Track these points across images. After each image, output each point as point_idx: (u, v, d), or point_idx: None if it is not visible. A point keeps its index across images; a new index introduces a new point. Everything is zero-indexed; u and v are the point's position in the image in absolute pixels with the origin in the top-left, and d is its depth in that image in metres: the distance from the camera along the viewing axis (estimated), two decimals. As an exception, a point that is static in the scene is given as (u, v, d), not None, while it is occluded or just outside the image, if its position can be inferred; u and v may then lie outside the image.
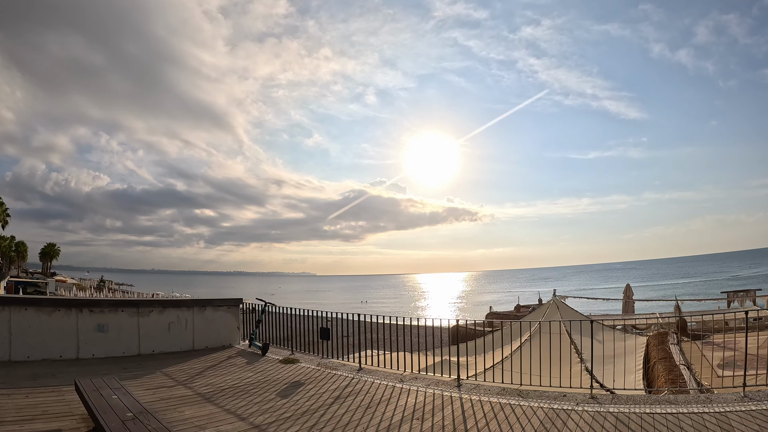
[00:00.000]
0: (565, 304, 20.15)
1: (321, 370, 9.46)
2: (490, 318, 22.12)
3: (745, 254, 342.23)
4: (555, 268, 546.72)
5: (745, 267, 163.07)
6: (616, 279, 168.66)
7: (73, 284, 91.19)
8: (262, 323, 12.04)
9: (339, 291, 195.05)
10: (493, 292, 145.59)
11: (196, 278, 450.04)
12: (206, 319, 11.81)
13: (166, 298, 39.36)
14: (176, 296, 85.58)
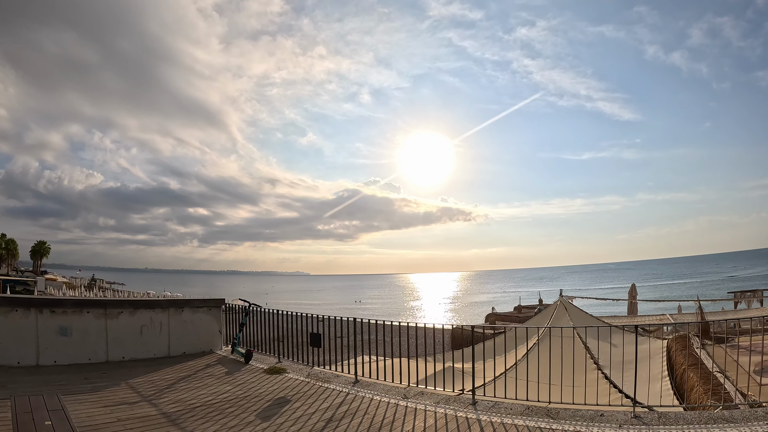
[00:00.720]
0: (574, 306, 18.94)
1: (311, 382, 8.18)
2: (491, 319, 20.95)
3: (740, 255, 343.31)
4: (549, 269, 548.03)
5: (740, 267, 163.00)
6: (611, 279, 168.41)
7: (64, 283, 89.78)
8: (247, 326, 10.72)
9: (333, 291, 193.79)
10: (489, 293, 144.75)
11: (189, 277, 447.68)
12: (184, 321, 10.53)
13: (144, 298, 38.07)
14: (168, 295, 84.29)
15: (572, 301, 20.28)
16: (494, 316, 24.81)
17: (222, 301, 11.40)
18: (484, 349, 16.76)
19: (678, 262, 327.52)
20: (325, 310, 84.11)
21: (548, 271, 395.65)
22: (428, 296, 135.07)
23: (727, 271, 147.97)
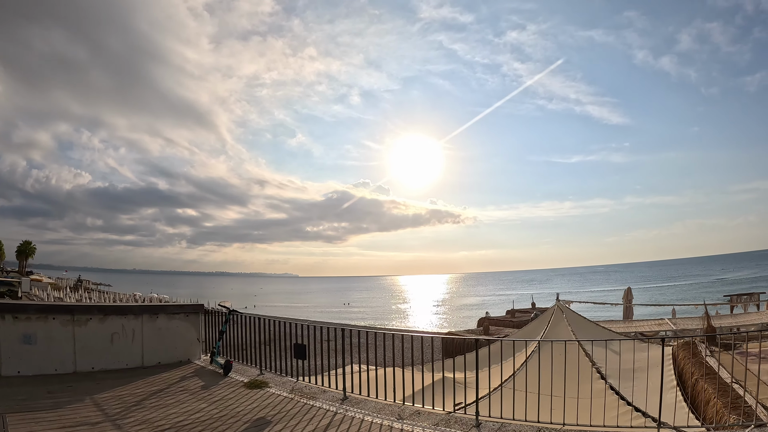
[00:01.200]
0: (571, 310, 18.28)
1: (295, 399, 7.40)
2: (484, 323, 20.27)
3: (727, 258, 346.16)
4: (538, 271, 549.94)
5: (729, 270, 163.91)
6: (600, 282, 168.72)
7: (49, 284, 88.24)
8: (227, 334, 9.91)
9: (321, 293, 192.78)
10: (478, 295, 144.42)
11: (177, 278, 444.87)
12: (158, 329, 9.71)
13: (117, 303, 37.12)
14: (154, 297, 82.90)
15: (569, 306, 19.63)
16: (487, 320, 24.14)
17: (200, 306, 10.57)
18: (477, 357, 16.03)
19: (666, 265, 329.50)
20: (313, 312, 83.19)
21: (537, 274, 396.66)
22: (417, 299, 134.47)
23: (715, 274, 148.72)
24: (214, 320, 10.36)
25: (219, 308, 10.08)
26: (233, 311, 9.74)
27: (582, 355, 13.41)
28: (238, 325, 9.71)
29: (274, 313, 78.71)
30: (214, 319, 10.28)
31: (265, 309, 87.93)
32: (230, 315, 9.69)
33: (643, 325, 21.03)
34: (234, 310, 9.78)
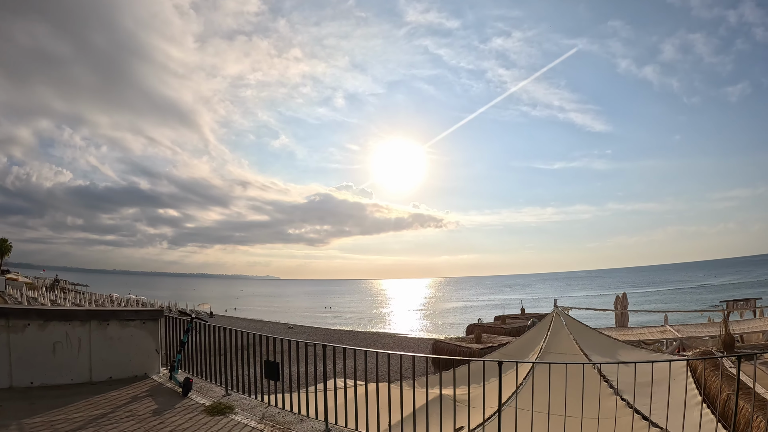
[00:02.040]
0: (571, 318, 17.09)
1: (265, 431, 6.02)
2: (476, 332, 19.02)
3: (707, 264, 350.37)
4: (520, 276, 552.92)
5: (710, 276, 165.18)
6: (583, 287, 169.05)
7: (25, 283, 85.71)
8: (189, 345, 8.51)
9: (303, 296, 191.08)
10: (461, 300, 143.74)
11: (157, 280, 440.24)
12: (110, 338, 8.29)
13: (62, 307, 35.44)
14: (132, 298, 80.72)
15: (568, 312, 18.42)
16: (479, 327, 22.92)
17: (160, 312, 9.08)
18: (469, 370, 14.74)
19: (647, 271, 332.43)
20: (294, 316, 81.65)
21: (519, 279, 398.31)
22: (400, 303, 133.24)
23: (698, 280, 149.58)
24: (176, 327, 8.94)
25: (180, 315, 8.71)
26: (196, 318, 8.34)
27: (588, 368, 12.23)
28: (202, 335, 8.29)
29: (255, 316, 77.19)
30: (177, 326, 8.86)
31: (245, 312, 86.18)
32: (192, 323, 8.29)
33: (644, 332, 19.93)
34: (197, 316, 8.39)
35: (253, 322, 62.64)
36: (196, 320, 8.27)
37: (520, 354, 14.24)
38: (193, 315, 8.41)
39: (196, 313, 8.32)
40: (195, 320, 8.28)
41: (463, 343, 17.90)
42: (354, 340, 45.25)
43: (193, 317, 8.31)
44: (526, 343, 15.69)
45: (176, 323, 8.85)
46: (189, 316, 8.37)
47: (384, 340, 45.95)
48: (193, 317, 8.31)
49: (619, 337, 17.97)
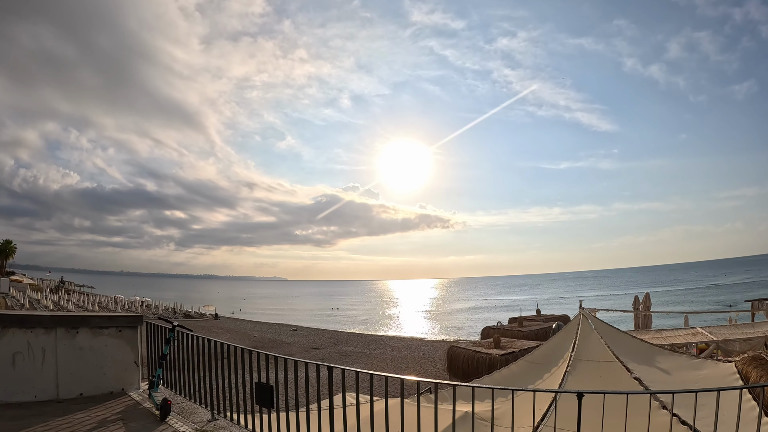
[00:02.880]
0: (601, 321, 15.77)
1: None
2: (494, 336, 17.66)
3: (715, 264, 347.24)
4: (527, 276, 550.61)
5: (720, 276, 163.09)
6: (592, 287, 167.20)
7: (29, 285, 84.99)
8: (171, 357, 7.20)
9: (310, 297, 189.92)
10: (469, 300, 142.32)
11: (164, 281, 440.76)
12: (80, 348, 7.03)
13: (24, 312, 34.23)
14: (137, 300, 79.70)
15: (595, 314, 17.07)
16: (496, 331, 21.58)
17: (139, 319, 7.72)
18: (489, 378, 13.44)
19: (655, 271, 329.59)
20: (301, 318, 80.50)
21: (527, 279, 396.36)
22: (408, 304, 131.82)
23: (708, 279, 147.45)
24: (161, 336, 7.63)
25: (160, 322, 7.42)
26: (179, 327, 7.02)
27: (625, 376, 10.92)
28: (185, 346, 6.97)
29: (260, 318, 75.91)
30: (162, 334, 7.54)
31: (250, 314, 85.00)
32: (173, 332, 6.98)
33: (675, 335, 18.52)
34: (179, 325, 7.07)
35: (258, 324, 61.49)
36: (178, 329, 6.96)
37: (549, 361, 12.88)
38: (175, 323, 7.08)
39: (179, 320, 6.85)
40: (177, 329, 6.98)
41: (481, 349, 16.57)
42: (362, 342, 43.91)
43: (174, 325, 7.00)
44: (554, 348, 14.30)
45: (161, 331, 7.54)
46: (170, 324, 7.05)
47: (393, 342, 44.58)
48: (174, 325, 7.00)
49: (653, 341, 16.59)
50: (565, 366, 11.87)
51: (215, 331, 48.76)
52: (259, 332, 50.37)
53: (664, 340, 18.28)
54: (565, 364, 11.98)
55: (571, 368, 11.49)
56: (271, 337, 46.55)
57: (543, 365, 12.74)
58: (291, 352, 37.15)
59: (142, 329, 7.69)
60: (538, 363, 13.19)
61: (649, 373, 11.37)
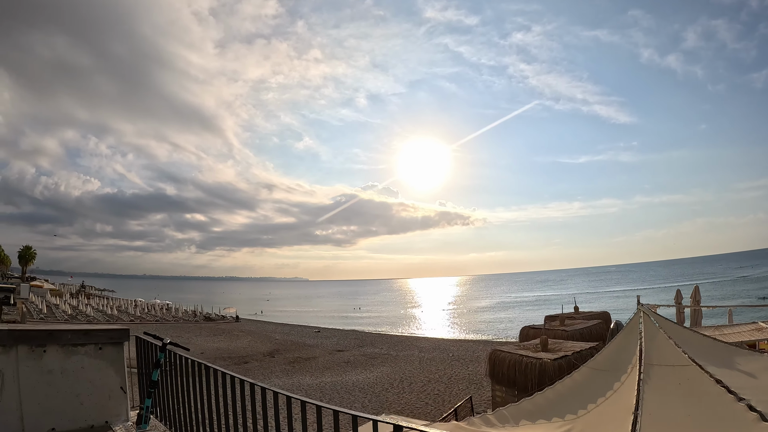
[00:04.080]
0: (665, 318, 13.88)
1: None
2: (541, 338, 15.80)
3: (739, 256, 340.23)
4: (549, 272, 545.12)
5: (747, 268, 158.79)
6: (618, 282, 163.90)
7: (49, 290, 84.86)
8: (162, 385, 5.48)
9: (332, 297, 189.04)
10: (494, 298, 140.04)
11: (186, 284, 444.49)
12: (48, 372, 5.39)
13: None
14: (156, 303, 78.91)
15: (656, 311, 15.17)
16: (538, 331, 19.73)
17: (124, 333, 5.90)
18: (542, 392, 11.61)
19: (679, 264, 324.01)
20: (324, 318, 79.08)
21: (549, 275, 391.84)
22: (431, 302, 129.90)
23: (734, 272, 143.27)
24: (154, 354, 5.89)
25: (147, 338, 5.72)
26: (170, 345, 5.29)
27: (708, 382, 9.08)
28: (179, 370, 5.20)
29: (283, 319, 74.73)
30: (154, 353, 5.80)
31: (272, 315, 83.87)
32: (164, 352, 5.26)
33: (742, 332, 16.55)
34: (171, 342, 5.30)
35: (280, 326, 60.26)
36: (170, 348, 5.22)
37: (615, 367, 11.01)
38: (166, 340, 5.33)
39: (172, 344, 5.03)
40: (169, 347, 5.25)
41: (527, 352, 14.74)
42: (387, 343, 42.29)
43: (165, 343, 5.28)
44: (617, 352, 12.34)
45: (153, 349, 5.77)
46: (159, 341, 5.34)
47: (420, 343, 42.88)
48: (165, 343, 5.28)
49: (720, 338, 14.63)
50: (636, 373, 10.06)
51: (236, 334, 47.61)
52: (281, 335, 49.05)
53: (726, 337, 16.34)
54: (636, 370, 10.17)
55: (645, 376, 9.67)
56: (293, 339, 45.16)
57: (609, 372, 10.85)
58: (314, 354, 35.74)
59: (130, 346, 6.01)
60: (603, 370, 11.30)
61: (733, 377, 9.52)
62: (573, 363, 14.16)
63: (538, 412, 8.98)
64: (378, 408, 19.31)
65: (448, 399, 20.64)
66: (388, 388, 23.04)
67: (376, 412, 18.75)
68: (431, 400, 20.40)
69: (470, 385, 23.29)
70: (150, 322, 53.95)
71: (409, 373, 27.02)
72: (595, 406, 8.96)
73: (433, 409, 19.04)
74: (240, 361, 32.22)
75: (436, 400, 20.38)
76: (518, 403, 9.26)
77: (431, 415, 18.17)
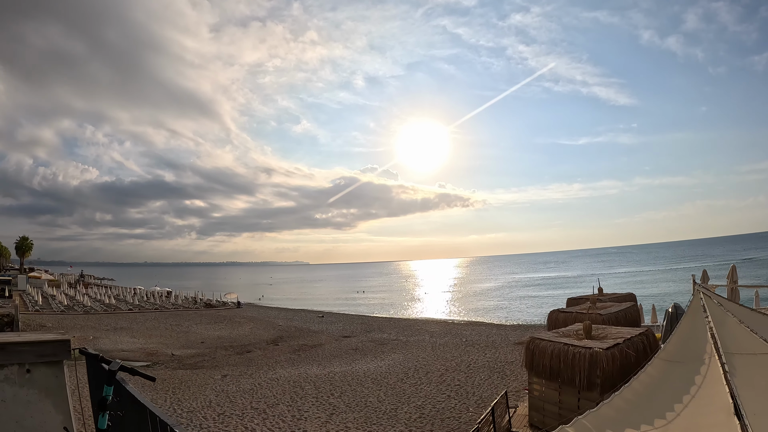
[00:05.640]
0: (729, 300, 12.03)
1: None
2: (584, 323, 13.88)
3: (740, 239, 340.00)
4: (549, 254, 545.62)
5: (751, 250, 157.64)
6: (623, 263, 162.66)
7: (47, 280, 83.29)
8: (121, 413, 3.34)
9: (333, 280, 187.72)
10: (497, 279, 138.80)
11: (187, 270, 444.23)
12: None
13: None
14: (156, 290, 77.16)
15: (714, 291, 13.32)
16: (568, 315, 17.86)
17: (62, 346, 3.71)
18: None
19: (680, 246, 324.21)
20: (326, 302, 77.25)
21: (551, 256, 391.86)
22: (435, 285, 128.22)
23: (739, 254, 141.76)
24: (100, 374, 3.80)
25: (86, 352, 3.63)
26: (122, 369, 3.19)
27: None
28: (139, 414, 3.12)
29: (285, 303, 73.09)
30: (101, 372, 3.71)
31: (274, 300, 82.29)
32: (111, 383, 3.15)
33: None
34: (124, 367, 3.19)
35: (282, 311, 58.58)
36: (121, 376, 3.19)
37: (691, 358, 9.15)
38: (114, 365, 3.13)
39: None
40: (115, 362, 3.17)
41: (571, 340, 12.87)
42: (396, 328, 40.54)
43: (113, 369, 3.10)
44: (686, 340, 10.46)
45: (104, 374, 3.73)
46: (105, 363, 3.29)
47: (430, 327, 41.12)
48: (113, 369, 3.10)
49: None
50: (716, 365, 8.26)
51: (238, 321, 45.87)
52: (284, 320, 47.35)
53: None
54: (715, 361, 8.37)
55: (730, 367, 7.89)
56: (297, 325, 43.44)
57: (685, 364, 9.01)
58: (320, 341, 34.01)
59: (76, 367, 4.01)
60: (678, 361, 9.44)
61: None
62: (626, 352, 12.35)
63: (622, 419, 7.42)
64: (396, 402, 17.51)
65: (471, 390, 18.85)
66: (404, 379, 21.24)
67: (395, 407, 17.00)
68: (453, 392, 18.59)
69: (492, 373, 21.51)
70: (149, 311, 52.25)
71: (423, 361, 25.26)
72: (683, 407, 7.36)
73: (457, 402, 17.23)
74: (242, 350, 30.47)
75: (458, 392, 18.57)
76: (596, 408, 7.46)
77: (456, 409, 16.39)
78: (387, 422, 15.38)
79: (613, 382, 12.23)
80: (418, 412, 16.30)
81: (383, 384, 20.38)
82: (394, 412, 16.49)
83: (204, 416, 16.05)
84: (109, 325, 40.19)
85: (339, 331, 39.39)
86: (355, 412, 16.49)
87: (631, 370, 12.91)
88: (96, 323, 40.79)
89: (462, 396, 18.09)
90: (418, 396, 18.28)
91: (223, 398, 18.44)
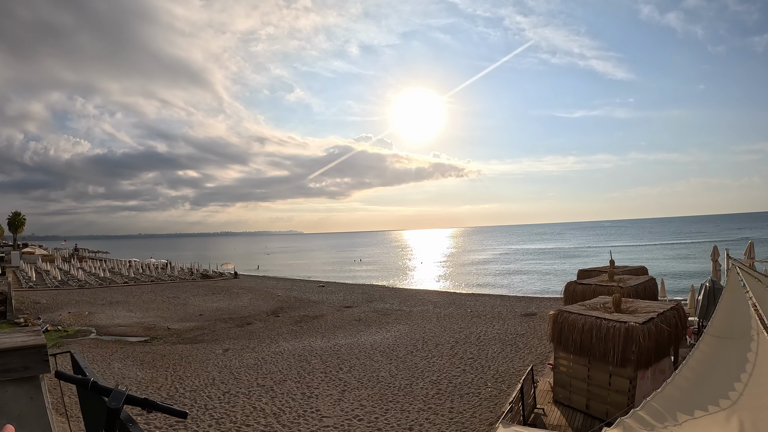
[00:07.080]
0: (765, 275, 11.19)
1: None
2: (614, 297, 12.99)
3: (733, 218, 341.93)
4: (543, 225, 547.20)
5: (745, 229, 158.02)
6: (616, 238, 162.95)
7: (41, 255, 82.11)
8: None
9: (329, 249, 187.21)
10: (494, 250, 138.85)
11: (182, 241, 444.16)
12: None
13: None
14: (152, 262, 76.21)
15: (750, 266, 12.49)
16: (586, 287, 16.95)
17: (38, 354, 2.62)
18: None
19: (674, 222, 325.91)
20: (324, 272, 76.47)
21: (545, 228, 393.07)
22: (432, 254, 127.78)
23: (734, 233, 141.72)
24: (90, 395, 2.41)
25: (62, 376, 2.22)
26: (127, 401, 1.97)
27: None
28: None
29: (282, 273, 72.27)
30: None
31: (271, 270, 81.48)
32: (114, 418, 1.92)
33: None
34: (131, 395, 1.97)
35: (281, 281, 57.76)
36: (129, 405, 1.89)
37: (740, 334, 8.37)
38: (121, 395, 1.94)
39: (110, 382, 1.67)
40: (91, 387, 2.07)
41: (604, 314, 12.05)
42: (398, 298, 39.82)
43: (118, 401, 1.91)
44: (731, 316, 9.64)
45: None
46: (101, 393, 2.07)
47: (432, 297, 40.42)
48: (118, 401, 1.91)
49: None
50: (766, 340, 7.66)
51: (236, 292, 44.99)
52: (283, 291, 46.50)
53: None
54: (765, 336, 7.76)
55: None
56: (297, 295, 42.62)
57: (734, 340, 8.29)
58: (321, 312, 33.22)
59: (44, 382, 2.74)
60: (727, 337, 8.67)
61: None
62: (660, 327, 11.56)
63: (688, 401, 6.70)
64: (410, 377, 16.75)
65: (486, 364, 18.12)
66: (413, 351, 20.49)
67: (409, 382, 16.24)
68: (467, 366, 17.84)
69: (504, 346, 20.80)
70: (145, 283, 51.35)
71: (430, 333, 24.53)
72: (743, 385, 6.71)
73: (473, 377, 16.49)
74: (242, 323, 29.65)
75: (473, 366, 17.83)
76: (661, 389, 6.64)
77: (474, 384, 15.66)
78: (404, 399, 14.61)
79: (648, 358, 11.48)
80: (434, 388, 15.56)
81: (393, 357, 19.62)
82: (410, 387, 15.73)
83: (208, 395, 15.22)
84: (104, 299, 39.26)
85: (340, 301, 38.64)
86: (368, 389, 15.71)
87: (664, 346, 12.17)
88: (91, 298, 39.85)
89: (477, 370, 17.36)
90: (432, 370, 17.53)
91: (227, 374, 17.63)
